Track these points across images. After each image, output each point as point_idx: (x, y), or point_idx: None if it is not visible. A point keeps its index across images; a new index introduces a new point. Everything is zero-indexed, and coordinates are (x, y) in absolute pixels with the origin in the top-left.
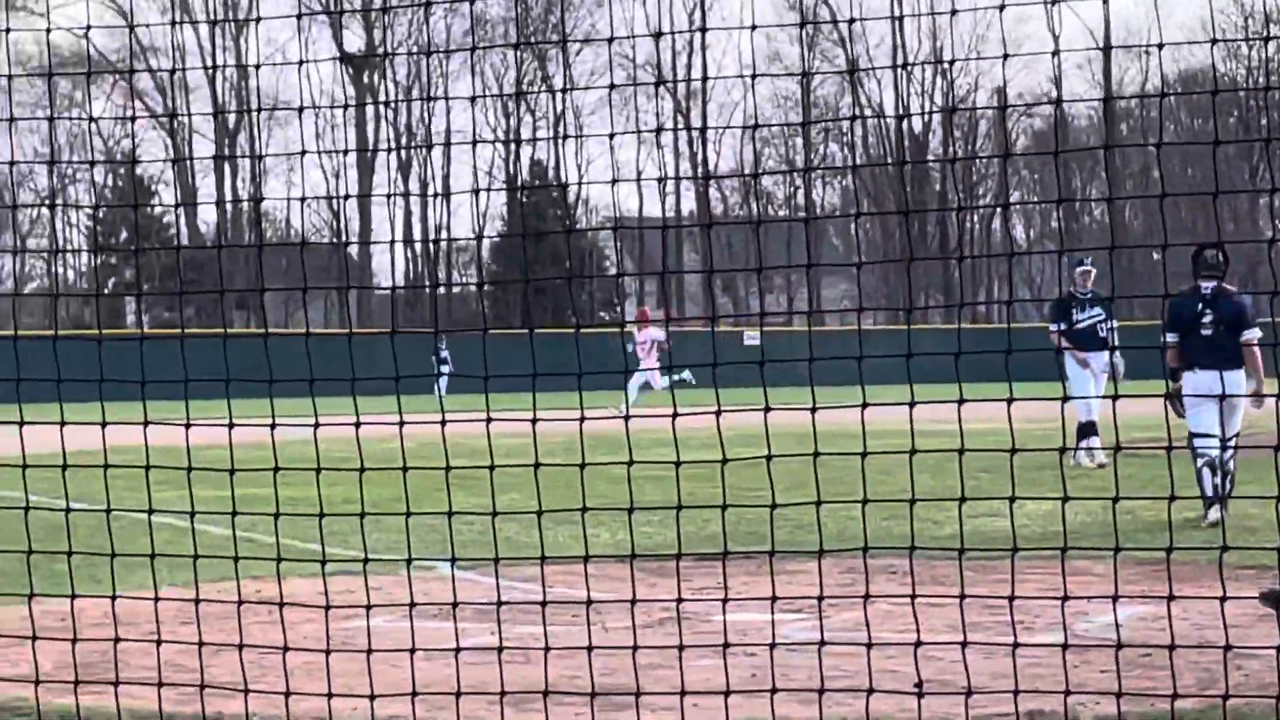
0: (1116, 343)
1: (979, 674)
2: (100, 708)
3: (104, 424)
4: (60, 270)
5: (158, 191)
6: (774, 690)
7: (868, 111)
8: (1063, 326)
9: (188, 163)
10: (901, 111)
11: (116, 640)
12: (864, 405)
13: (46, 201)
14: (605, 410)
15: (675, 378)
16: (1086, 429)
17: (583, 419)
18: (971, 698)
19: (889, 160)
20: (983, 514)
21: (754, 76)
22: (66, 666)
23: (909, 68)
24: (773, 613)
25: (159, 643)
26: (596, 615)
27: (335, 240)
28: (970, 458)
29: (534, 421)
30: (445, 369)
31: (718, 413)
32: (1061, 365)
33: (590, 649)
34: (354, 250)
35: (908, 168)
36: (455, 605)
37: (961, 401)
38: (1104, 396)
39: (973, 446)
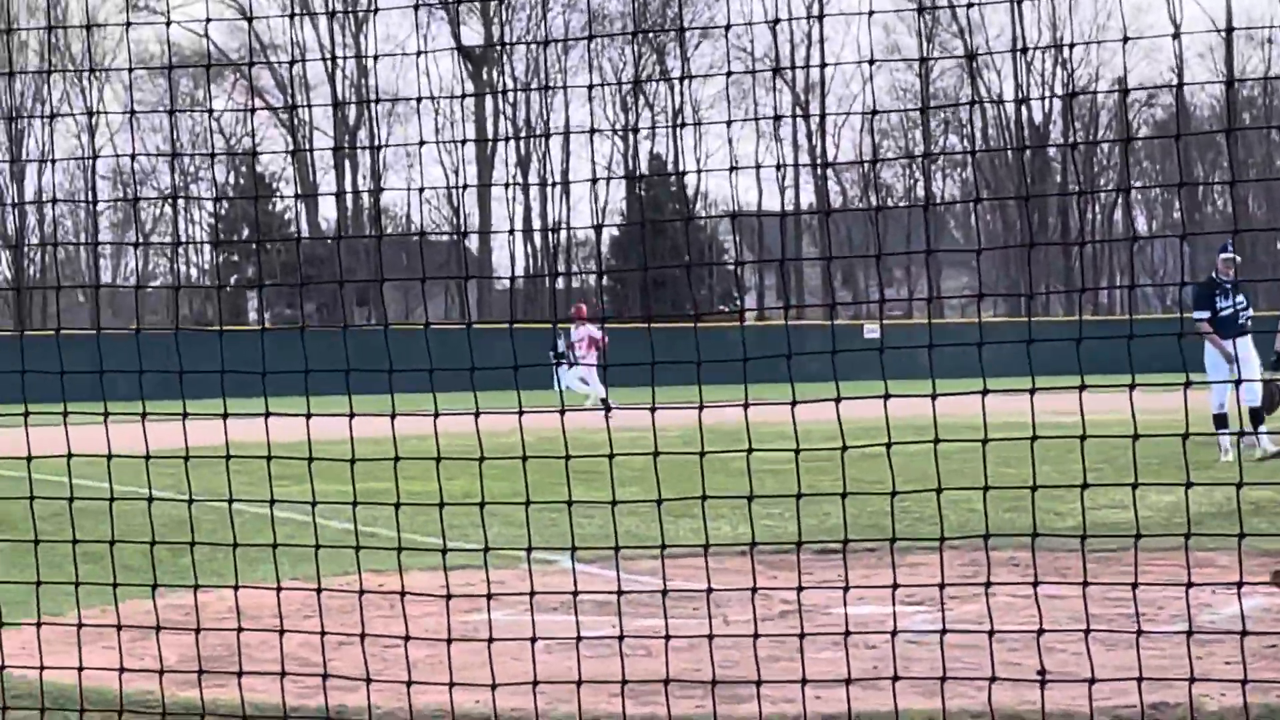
0: (1251, 329)
1: (1102, 665)
2: (224, 700)
3: (225, 417)
4: (183, 268)
5: (278, 189)
6: (895, 679)
7: (987, 100)
8: (1209, 315)
9: (308, 155)
10: (1021, 97)
11: (240, 632)
12: (984, 391)
13: (168, 194)
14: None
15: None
16: (1221, 420)
17: (701, 407)
18: (1095, 688)
19: (1008, 148)
20: (1104, 505)
21: (871, 62)
22: (190, 659)
23: (1028, 53)
24: (894, 603)
25: (281, 634)
26: (717, 607)
27: (454, 234)
28: (1091, 449)
29: (653, 410)
30: (565, 362)
31: (837, 400)
32: (1200, 353)
33: (711, 639)
34: (473, 244)
35: (1027, 155)
36: (576, 595)
37: (1083, 388)
38: (1238, 381)
39: (1094, 434)
